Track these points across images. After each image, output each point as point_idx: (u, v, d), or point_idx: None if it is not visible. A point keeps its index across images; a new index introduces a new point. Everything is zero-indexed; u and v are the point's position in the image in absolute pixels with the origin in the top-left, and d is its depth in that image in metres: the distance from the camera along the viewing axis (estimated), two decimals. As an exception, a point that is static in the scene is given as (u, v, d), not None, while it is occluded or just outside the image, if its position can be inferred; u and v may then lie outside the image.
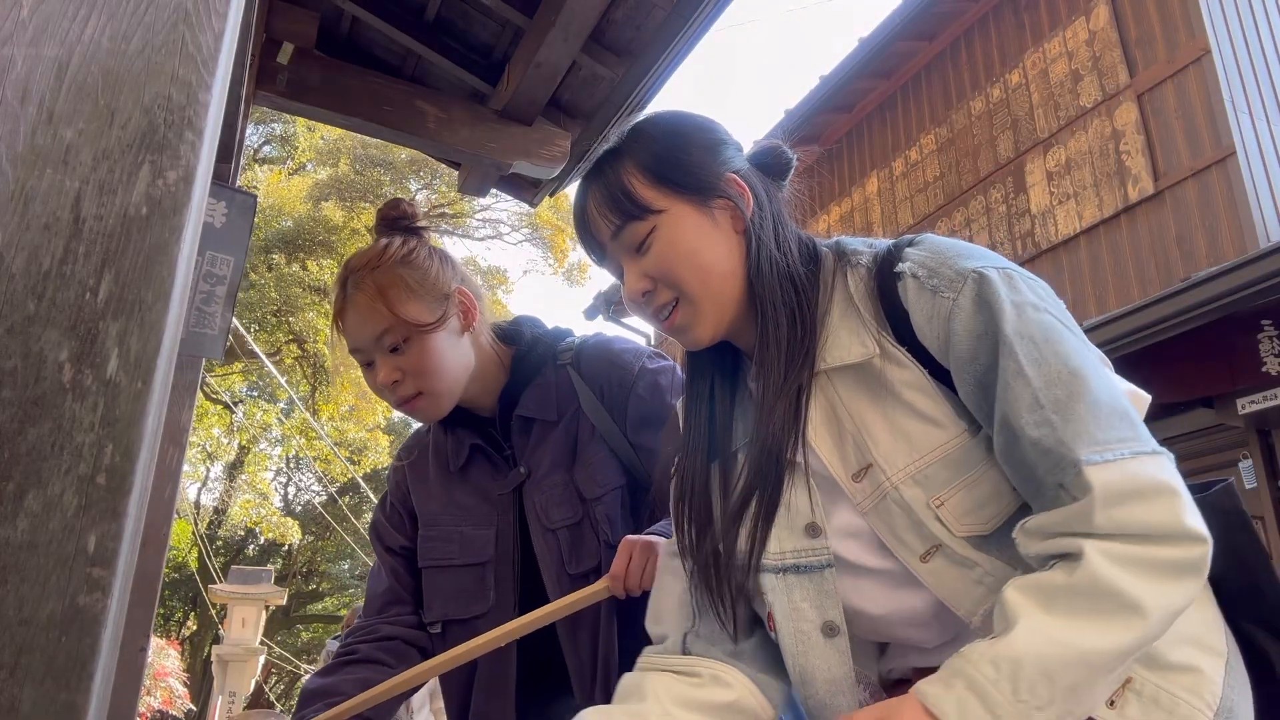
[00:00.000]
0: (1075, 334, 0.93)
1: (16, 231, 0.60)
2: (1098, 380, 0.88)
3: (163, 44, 0.66)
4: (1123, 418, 0.87)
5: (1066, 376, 0.87)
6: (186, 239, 0.64)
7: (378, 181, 16.32)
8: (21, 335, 0.58)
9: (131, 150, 0.64)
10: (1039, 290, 0.95)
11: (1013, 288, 0.93)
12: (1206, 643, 0.91)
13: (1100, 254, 6.27)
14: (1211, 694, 0.87)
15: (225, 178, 2.84)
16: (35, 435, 0.57)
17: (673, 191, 1.03)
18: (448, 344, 1.43)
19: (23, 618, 0.54)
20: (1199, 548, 0.83)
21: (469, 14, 2.90)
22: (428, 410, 1.45)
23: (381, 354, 1.41)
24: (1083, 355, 0.90)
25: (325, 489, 19.43)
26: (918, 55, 8.15)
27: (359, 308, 1.40)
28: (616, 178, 1.05)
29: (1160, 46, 6.11)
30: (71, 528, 0.56)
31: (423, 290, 1.42)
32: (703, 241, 1.02)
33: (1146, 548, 0.82)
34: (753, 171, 1.09)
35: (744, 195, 1.05)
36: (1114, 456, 0.84)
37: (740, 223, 1.04)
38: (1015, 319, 0.90)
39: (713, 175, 1.05)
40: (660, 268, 1.02)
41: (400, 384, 1.41)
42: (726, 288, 1.03)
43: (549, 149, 3.06)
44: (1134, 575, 0.81)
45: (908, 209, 8.00)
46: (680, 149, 1.06)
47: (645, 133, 1.08)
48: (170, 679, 10.95)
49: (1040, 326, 0.90)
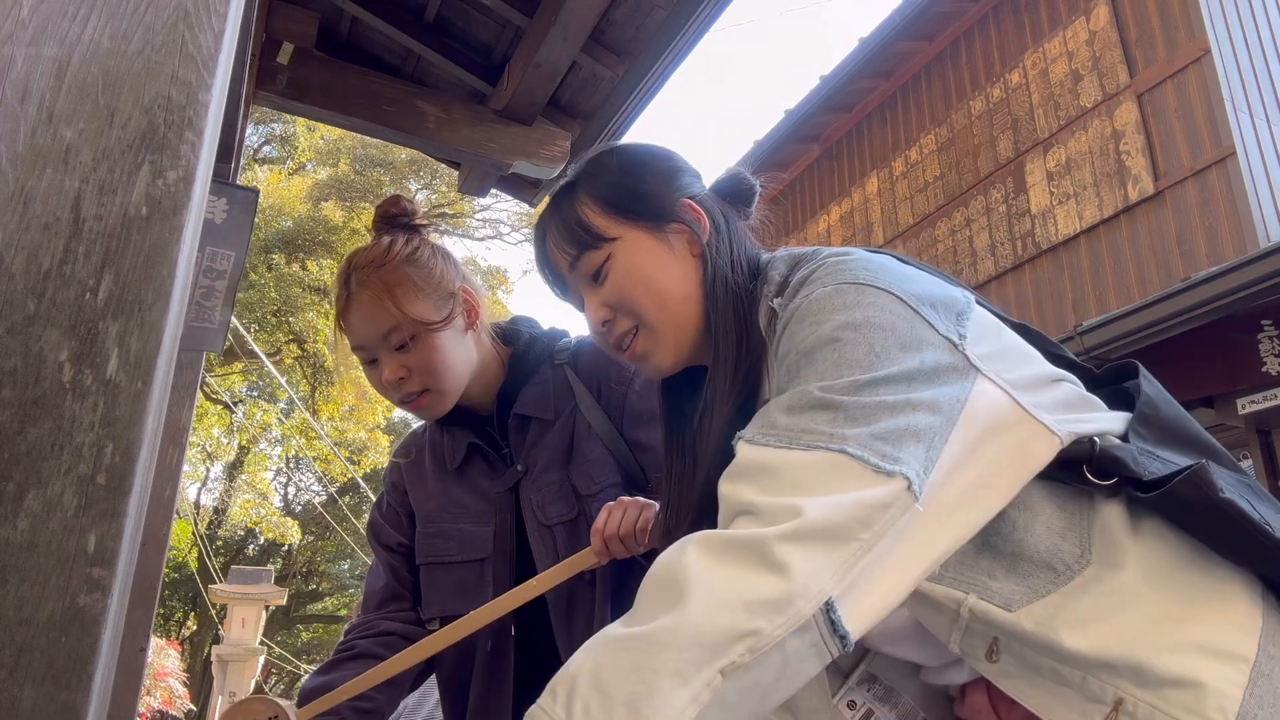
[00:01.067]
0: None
1: (16, 231, 0.60)
2: (845, 384, 0.82)
3: (163, 44, 0.66)
4: (853, 420, 0.79)
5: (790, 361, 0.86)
6: (186, 239, 0.64)
7: (378, 181, 16.32)
8: (21, 335, 0.58)
9: (131, 150, 0.64)
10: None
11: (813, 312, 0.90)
12: (1220, 647, 0.78)
13: (1100, 254, 6.27)
14: (1220, 709, 0.75)
15: (225, 177, 2.83)
16: (35, 435, 0.57)
17: (627, 219, 1.05)
18: (453, 342, 1.43)
19: (23, 618, 0.54)
20: (783, 524, 0.74)
21: (469, 14, 2.90)
22: (432, 408, 1.45)
23: (387, 351, 1.40)
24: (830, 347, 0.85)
25: (325, 489, 19.44)
26: (918, 55, 8.15)
27: (364, 305, 1.39)
28: (571, 210, 1.06)
29: (1160, 46, 6.11)
30: (71, 528, 0.56)
31: (429, 288, 1.42)
32: (658, 267, 1.03)
33: (736, 525, 0.77)
34: (711, 197, 1.10)
35: (700, 219, 1.06)
36: (776, 443, 0.80)
37: (697, 246, 1.05)
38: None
39: (667, 201, 1.06)
40: (617, 295, 1.03)
41: (406, 381, 1.40)
42: (684, 311, 1.03)
43: (549, 149, 3.06)
44: (697, 553, 0.75)
45: (908, 209, 8.00)
46: (634, 177, 1.07)
47: (599, 164, 1.10)
48: (170, 679, 10.96)
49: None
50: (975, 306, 0.93)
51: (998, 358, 0.88)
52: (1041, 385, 0.90)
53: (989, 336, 0.91)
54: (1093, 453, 0.84)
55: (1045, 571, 0.83)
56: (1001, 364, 0.88)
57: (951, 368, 0.84)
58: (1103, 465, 0.84)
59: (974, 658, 0.86)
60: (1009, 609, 0.82)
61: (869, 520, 0.75)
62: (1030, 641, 0.81)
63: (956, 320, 0.89)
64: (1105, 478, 0.84)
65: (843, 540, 0.74)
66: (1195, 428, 0.93)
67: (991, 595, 0.83)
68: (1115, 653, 0.78)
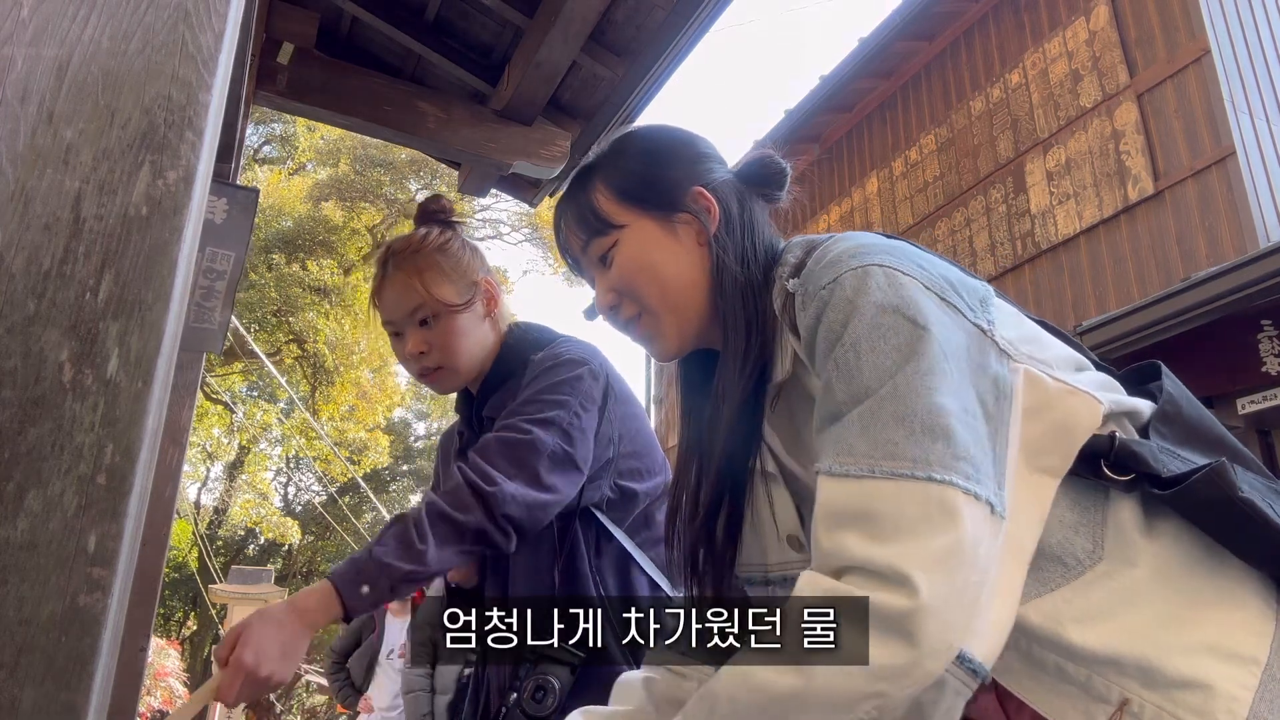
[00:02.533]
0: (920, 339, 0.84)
1: (16, 231, 0.60)
2: (904, 390, 0.79)
3: (163, 44, 0.66)
4: (926, 434, 0.76)
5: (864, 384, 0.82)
6: (186, 239, 0.64)
7: (378, 181, 16.32)
8: (21, 335, 0.58)
9: (131, 150, 0.64)
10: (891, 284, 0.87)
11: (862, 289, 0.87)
12: (1230, 649, 0.77)
13: (1100, 254, 6.27)
14: (1229, 712, 0.74)
15: (225, 177, 2.84)
16: (35, 435, 0.57)
17: (635, 207, 1.06)
18: (471, 325, 1.57)
19: (23, 618, 0.54)
20: (902, 600, 0.72)
21: (469, 14, 2.90)
22: (445, 382, 1.58)
23: (412, 327, 1.55)
24: (902, 366, 0.82)
25: (325, 489, 19.44)
26: (918, 55, 8.15)
27: (397, 285, 1.55)
28: (585, 195, 1.09)
29: (1160, 46, 6.11)
30: (71, 528, 0.56)
31: (455, 275, 1.57)
32: (662, 255, 1.04)
33: (848, 583, 0.75)
34: (731, 183, 1.09)
35: (710, 209, 1.06)
36: (858, 471, 0.77)
37: (704, 235, 1.05)
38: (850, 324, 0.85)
39: (678, 190, 1.06)
40: (622, 281, 1.05)
41: (425, 355, 1.55)
42: (686, 299, 1.04)
43: (549, 149, 3.07)
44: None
45: (908, 209, 8.00)
46: (649, 165, 1.08)
47: (619, 149, 1.11)
48: (170, 679, 10.95)
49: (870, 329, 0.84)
50: (994, 294, 0.93)
51: (1024, 342, 0.87)
52: (1071, 365, 0.90)
53: (1011, 321, 0.90)
54: (1112, 446, 0.83)
55: (1056, 565, 0.82)
56: (1028, 347, 0.87)
57: (986, 353, 0.84)
58: (1121, 460, 0.83)
59: None
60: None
61: (976, 561, 0.75)
62: (1036, 636, 0.81)
63: (981, 306, 0.88)
64: (1123, 473, 0.82)
65: (962, 594, 0.74)
66: (1219, 429, 0.92)
67: None
68: (1123, 651, 0.78)
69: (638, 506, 1.53)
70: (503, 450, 1.36)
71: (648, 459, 1.57)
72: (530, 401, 1.44)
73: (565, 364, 1.50)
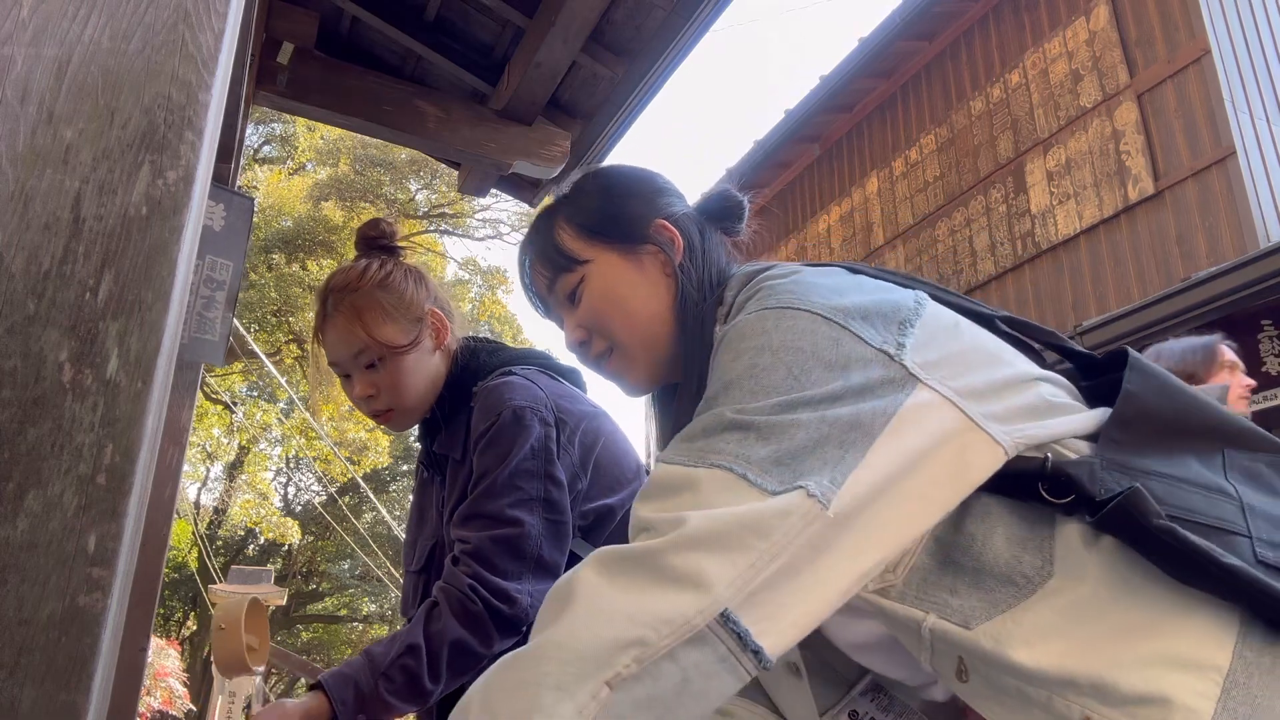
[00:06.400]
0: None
1: (16, 231, 0.60)
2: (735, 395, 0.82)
3: (163, 44, 0.66)
4: (734, 430, 0.79)
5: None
6: (186, 239, 0.64)
7: (378, 181, 16.33)
8: (21, 335, 0.58)
9: (131, 150, 0.64)
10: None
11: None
12: (1189, 657, 0.72)
13: (1100, 254, 6.27)
14: None
15: (225, 178, 2.84)
16: (35, 435, 0.57)
17: (599, 242, 1.07)
18: (419, 363, 1.50)
19: (23, 618, 0.54)
20: (665, 539, 0.73)
21: (469, 14, 2.90)
22: (397, 424, 1.53)
23: (358, 370, 1.49)
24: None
25: (325, 489, 19.43)
26: (918, 55, 8.15)
27: (338, 327, 1.48)
28: (549, 233, 1.10)
29: (1160, 46, 6.11)
30: (71, 528, 0.56)
31: (398, 313, 1.49)
32: (629, 288, 1.05)
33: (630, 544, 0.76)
34: (691, 216, 1.10)
35: (674, 240, 1.07)
36: (675, 461, 0.80)
37: (670, 266, 1.06)
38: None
39: (640, 223, 1.07)
40: (590, 316, 1.06)
41: (374, 399, 1.49)
42: (654, 330, 1.04)
43: (549, 149, 3.07)
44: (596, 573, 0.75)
45: (908, 209, 8.00)
46: (610, 200, 1.09)
47: (579, 189, 1.13)
48: (170, 679, 10.95)
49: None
50: (927, 309, 0.89)
51: (947, 363, 0.84)
52: (1002, 390, 0.85)
53: (940, 340, 0.86)
54: (1044, 469, 0.80)
55: (1007, 586, 0.79)
56: (949, 370, 0.83)
57: (884, 380, 0.81)
58: (1056, 482, 0.80)
59: (946, 677, 0.83)
60: (967, 627, 0.78)
61: (765, 529, 0.73)
62: (991, 660, 0.77)
63: (898, 330, 0.85)
64: (1062, 495, 0.79)
65: (735, 549, 0.72)
66: (1205, 416, 0.86)
67: (951, 613, 0.79)
68: (1075, 670, 0.74)
69: (615, 517, 1.48)
70: (500, 550, 1.33)
71: (618, 468, 1.51)
72: (502, 487, 1.36)
73: (511, 424, 1.40)
